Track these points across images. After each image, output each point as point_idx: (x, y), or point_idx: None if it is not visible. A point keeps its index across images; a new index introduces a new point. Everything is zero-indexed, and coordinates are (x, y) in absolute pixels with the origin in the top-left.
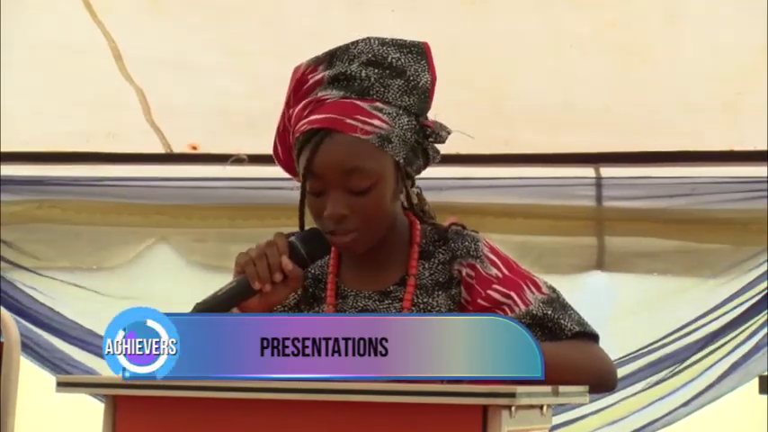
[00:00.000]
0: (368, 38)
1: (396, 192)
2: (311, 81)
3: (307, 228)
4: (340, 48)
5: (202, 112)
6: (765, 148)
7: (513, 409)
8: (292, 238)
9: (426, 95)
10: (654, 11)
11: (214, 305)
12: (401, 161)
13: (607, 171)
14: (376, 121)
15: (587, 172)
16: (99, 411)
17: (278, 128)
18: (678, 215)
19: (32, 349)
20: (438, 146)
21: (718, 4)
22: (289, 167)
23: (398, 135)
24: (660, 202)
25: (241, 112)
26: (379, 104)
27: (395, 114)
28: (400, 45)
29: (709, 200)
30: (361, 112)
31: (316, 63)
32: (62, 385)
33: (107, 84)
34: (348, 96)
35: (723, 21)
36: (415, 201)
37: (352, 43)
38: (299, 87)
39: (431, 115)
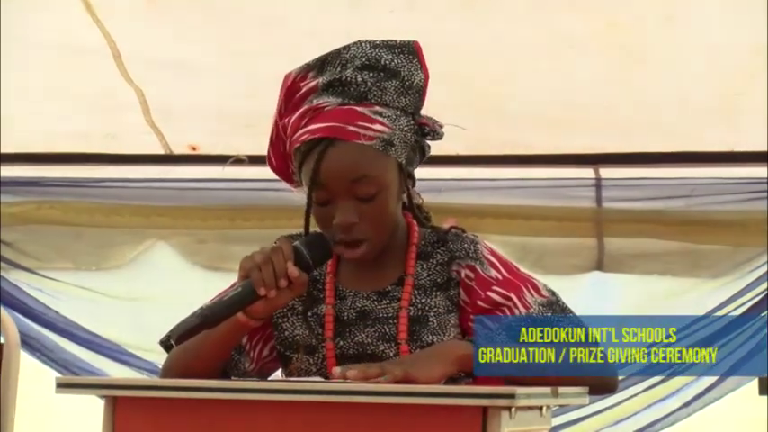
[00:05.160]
0: (358, 41)
1: (399, 193)
2: (304, 89)
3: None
4: (331, 53)
5: (202, 113)
6: (765, 149)
7: (512, 410)
8: (296, 243)
9: (420, 94)
10: (653, 11)
11: (219, 310)
12: (403, 162)
13: (606, 172)
14: (378, 126)
15: (587, 173)
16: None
17: (270, 137)
18: (678, 216)
19: (39, 350)
20: (437, 144)
21: (717, 5)
22: (284, 175)
23: (399, 137)
24: (660, 203)
25: (241, 112)
26: (378, 108)
27: (394, 117)
28: (392, 46)
29: (709, 201)
30: (362, 117)
31: (306, 70)
32: (62, 386)
33: (106, 84)
34: (346, 103)
35: (723, 21)
36: (418, 200)
37: (343, 48)
38: (291, 96)
39: (429, 114)
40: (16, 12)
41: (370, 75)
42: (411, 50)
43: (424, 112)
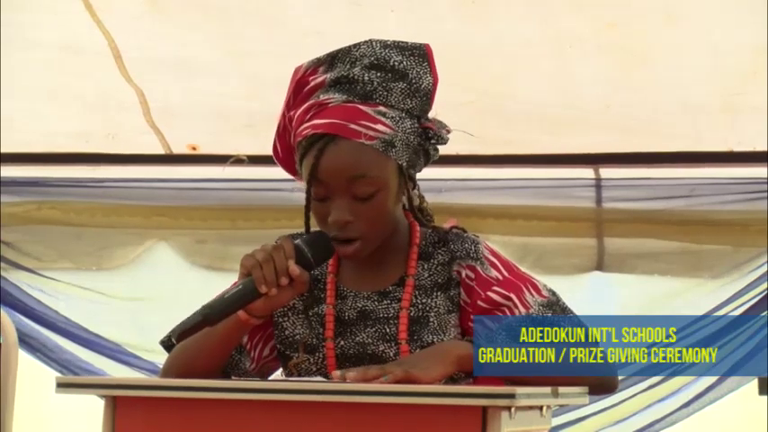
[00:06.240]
0: (370, 40)
1: (398, 195)
2: (312, 83)
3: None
4: (341, 50)
5: (202, 113)
6: (765, 149)
7: (512, 410)
8: (298, 241)
9: (428, 97)
10: (654, 11)
11: (220, 307)
12: (404, 165)
13: (607, 172)
14: (380, 126)
15: (587, 173)
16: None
17: (278, 128)
18: (678, 216)
19: (39, 350)
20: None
21: (718, 5)
22: (289, 167)
23: (402, 139)
24: (660, 203)
25: (241, 112)
26: (382, 108)
27: (398, 118)
28: (402, 47)
29: (709, 201)
30: (364, 116)
31: (316, 64)
32: (62, 386)
33: (107, 84)
34: (351, 100)
35: (723, 21)
36: (417, 202)
37: (354, 45)
38: (300, 89)
39: (431, 114)
40: (16, 12)
41: (378, 74)
42: (422, 53)
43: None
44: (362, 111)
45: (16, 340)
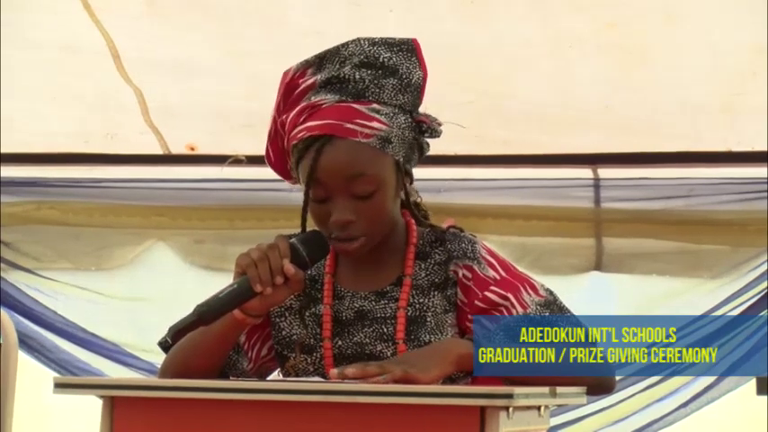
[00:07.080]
0: (357, 38)
1: (397, 191)
2: (302, 86)
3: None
4: (329, 50)
5: (201, 113)
6: (764, 149)
7: (510, 410)
8: (293, 240)
9: (419, 92)
10: (653, 11)
11: (215, 307)
12: (401, 160)
13: (605, 172)
14: (375, 124)
15: (585, 173)
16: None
17: (269, 133)
18: (677, 216)
19: (38, 351)
20: (436, 144)
21: (717, 5)
22: (282, 172)
23: (397, 135)
24: (659, 203)
25: (239, 112)
26: (375, 106)
27: (392, 114)
28: (390, 44)
29: (708, 201)
30: (359, 115)
31: (305, 66)
32: (60, 386)
33: (106, 84)
34: (344, 100)
35: (723, 21)
36: (415, 198)
37: (342, 45)
38: (290, 92)
39: (429, 112)
40: (16, 12)
41: (369, 72)
42: (410, 48)
43: (423, 110)
44: (356, 109)
45: (16, 341)
